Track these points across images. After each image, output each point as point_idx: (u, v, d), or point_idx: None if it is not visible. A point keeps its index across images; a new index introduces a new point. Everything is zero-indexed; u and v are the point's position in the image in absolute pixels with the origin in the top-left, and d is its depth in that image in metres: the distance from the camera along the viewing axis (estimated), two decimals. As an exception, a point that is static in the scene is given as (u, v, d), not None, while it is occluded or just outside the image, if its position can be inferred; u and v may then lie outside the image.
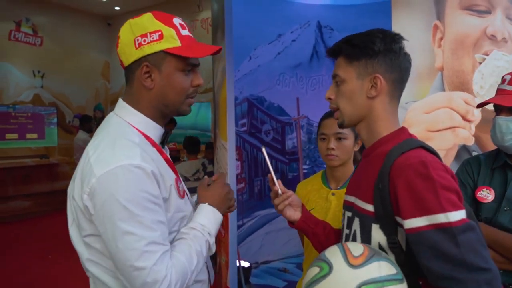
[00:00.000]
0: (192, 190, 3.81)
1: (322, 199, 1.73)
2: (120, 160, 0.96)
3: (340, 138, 1.64)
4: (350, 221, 1.10)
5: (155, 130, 1.12)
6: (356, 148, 1.71)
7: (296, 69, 3.67)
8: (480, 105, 1.63)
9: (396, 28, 2.15)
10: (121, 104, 1.12)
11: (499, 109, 1.51)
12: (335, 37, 3.71)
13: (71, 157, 7.17)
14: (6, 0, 7.38)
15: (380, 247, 0.98)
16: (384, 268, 0.87)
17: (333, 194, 1.71)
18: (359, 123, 1.10)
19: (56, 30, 8.19)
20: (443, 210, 0.87)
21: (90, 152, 1.02)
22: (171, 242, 1.08)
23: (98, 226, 0.97)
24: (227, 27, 2.57)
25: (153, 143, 1.10)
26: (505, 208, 1.49)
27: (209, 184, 1.28)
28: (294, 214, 1.31)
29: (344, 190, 1.64)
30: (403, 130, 1.08)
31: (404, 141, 1.02)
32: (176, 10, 7.64)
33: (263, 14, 3.48)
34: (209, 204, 1.19)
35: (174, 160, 4.71)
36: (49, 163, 7.36)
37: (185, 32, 1.09)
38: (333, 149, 1.64)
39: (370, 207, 1.00)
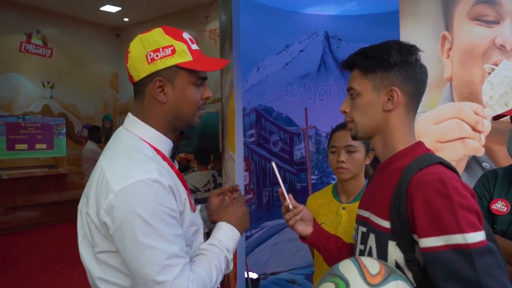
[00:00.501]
0: (203, 201, 3.80)
1: (333, 213, 1.70)
2: (138, 174, 0.96)
3: (350, 151, 1.61)
4: (364, 237, 1.08)
5: (165, 144, 1.12)
6: (368, 162, 1.68)
7: (304, 79, 3.68)
8: (497, 117, 1.61)
9: (404, 38, 2.15)
10: (131, 118, 1.12)
11: None
12: (343, 47, 3.73)
13: (79, 167, 7.21)
14: (18, 13, 7.51)
15: (397, 265, 0.96)
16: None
17: (343, 208, 1.69)
18: (375, 137, 1.08)
19: (66, 41, 8.30)
20: (461, 230, 0.84)
21: (105, 167, 1.02)
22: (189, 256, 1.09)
23: (117, 242, 0.97)
24: (235, 38, 2.59)
25: (163, 157, 1.10)
26: None
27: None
28: (306, 228, 1.28)
29: (355, 204, 1.60)
30: (420, 144, 1.05)
31: (422, 156, 0.99)
32: (185, 21, 7.71)
33: (271, 25, 3.51)
34: (227, 222, 1.21)
35: (184, 169, 4.74)
36: (58, 173, 7.41)
37: (194, 47, 1.11)
38: (343, 161, 1.61)
39: (386, 224, 0.98)
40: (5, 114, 7.16)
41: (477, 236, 0.85)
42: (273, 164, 1.29)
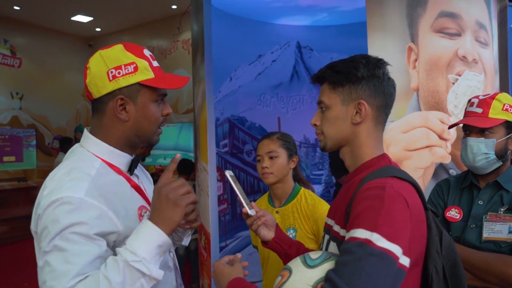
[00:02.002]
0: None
1: None
2: (64, 192, 0.95)
3: (272, 157, 1.78)
4: (328, 244, 1.10)
5: (120, 158, 1.11)
6: (292, 166, 1.83)
7: (276, 89, 3.72)
8: (452, 126, 1.68)
9: (371, 49, 2.20)
10: (85, 135, 1.11)
11: (469, 131, 1.55)
12: (315, 57, 3.79)
13: (50, 179, 7.02)
14: (-16, 22, 7.32)
15: None
16: None
17: (277, 212, 1.82)
18: (343, 148, 1.10)
19: (36, 51, 8.12)
20: (374, 229, 0.85)
21: (47, 183, 1.01)
22: None
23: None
24: (206, 49, 2.59)
25: (118, 171, 1.09)
26: (471, 226, 1.53)
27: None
28: (268, 234, 1.31)
29: (286, 207, 1.81)
30: (383, 156, 1.07)
31: (381, 168, 1.01)
32: (156, 32, 7.67)
33: (243, 35, 3.53)
34: (149, 217, 0.97)
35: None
36: (28, 186, 7.19)
37: (155, 64, 1.10)
38: (266, 167, 1.77)
39: (344, 232, 0.99)
40: (-28, 126, 6.95)
41: (386, 243, 0.85)
42: (227, 174, 1.28)
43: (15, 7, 7.15)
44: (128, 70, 1.04)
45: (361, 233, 0.86)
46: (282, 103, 3.70)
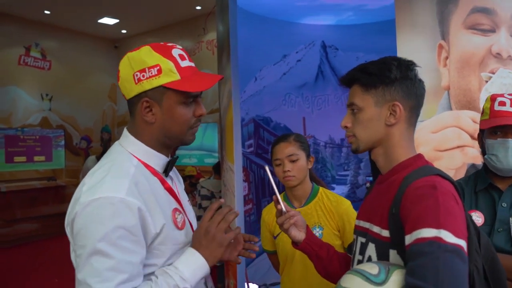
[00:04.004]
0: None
1: None
2: (105, 191, 0.95)
3: (293, 160, 1.76)
4: (363, 247, 1.08)
5: (156, 159, 1.11)
6: (310, 166, 1.82)
7: (301, 89, 3.70)
8: (495, 127, 1.55)
9: (401, 47, 2.16)
10: (124, 133, 1.12)
11: (502, 132, 1.48)
12: (340, 56, 3.74)
13: (78, 179, 7.20)
14: (17, 26, 7.55)
15: None
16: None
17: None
18: (376, 149, 1.09)
19: (64, 53, 8.34)
20: (438, 226, 0.84)
21: (86, 179, 1.02)
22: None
23: (75, 250, 0.96)
24: (232, 49, 2.60)
25: (154, 172, 1.09)
26: (498, 230, 1.47)
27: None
28: (299, 234, 1.29)
29: (308, 206, 1.79)
30: (420, 156, 1.07)
31: (421, 168, 1.01)
32: (182, 33, 7.75)
33: (268, 35, 3.53)
34: (193, 246, 1.08)
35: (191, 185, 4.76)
36: (57, 185, 7.38)
37: (185, 63, 1.07)
38: (289, 170, 1.75)
39: (386, 233, 0.99)
40: (4, 126, 7.17)
41: (454, 239, 0.83)
42: (267, 169, 1.30)
43: (46, 11, 7.36)
44: (151, 73, 1.03)
45: (427, 232, 0.84)
46: (307, 103, 3.68)
